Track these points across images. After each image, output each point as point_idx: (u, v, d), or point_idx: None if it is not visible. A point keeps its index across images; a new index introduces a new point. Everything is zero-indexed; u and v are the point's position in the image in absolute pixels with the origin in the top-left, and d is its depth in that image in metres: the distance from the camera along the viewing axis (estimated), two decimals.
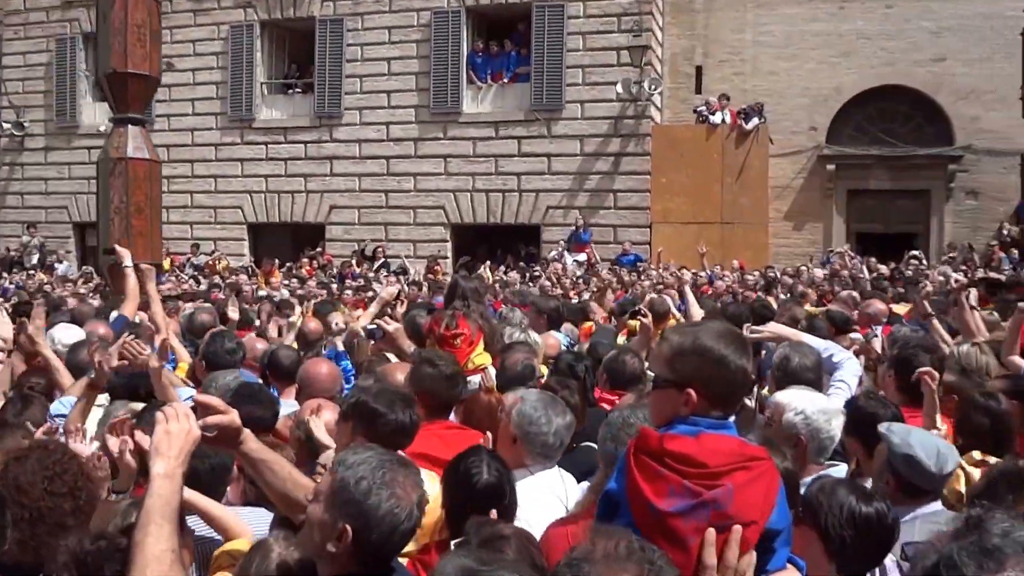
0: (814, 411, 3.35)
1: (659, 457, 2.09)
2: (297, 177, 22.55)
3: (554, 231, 20.82)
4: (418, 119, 21.74)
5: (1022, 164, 20.54)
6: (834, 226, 21.40)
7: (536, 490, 3.41)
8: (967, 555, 1.58)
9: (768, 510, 2.08)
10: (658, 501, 2.04)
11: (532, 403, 3.57)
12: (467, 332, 5.97)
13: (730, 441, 2.15)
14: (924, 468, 3.12)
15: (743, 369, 2.19)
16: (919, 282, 13.85)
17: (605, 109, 20.61)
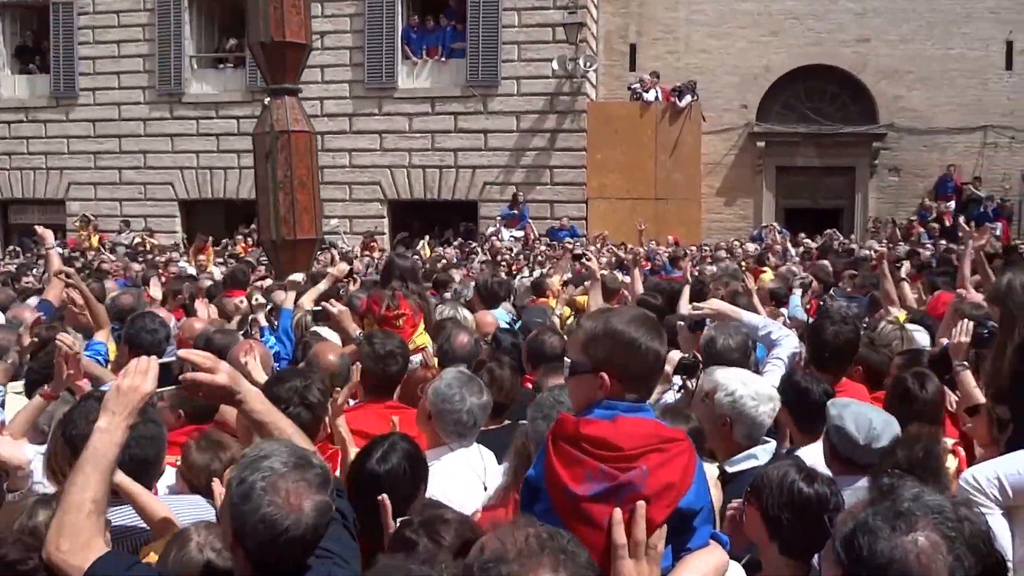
0: (743, 394, 3.32)
1: (576, 442, 2.10)
2: (230, 153, 22.12)
3: (491, 207, 20.90)
4: (353, 94, 21.52)
5: None
6: (764, 202, 21.94)
7: (455, 468, 3.44)
8: (881, 519, 1.68)
9: (683, 489, 2.10)
10: (575, 486, 2.05)
11: (447, 381, 3.57)
12: (409, 312, 5.93)
13: (646, 424, 2.16)
14: (853, 440, 3.16)
15: (655, 352, 2.19)
16: (852, 255, 14.43)
17: (541, 86, 20.70)
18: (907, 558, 1.63)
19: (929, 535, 1.65)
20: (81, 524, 2.16)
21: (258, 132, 9.96)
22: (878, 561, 1.65)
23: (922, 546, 1.64)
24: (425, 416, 3.56)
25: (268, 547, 2.05)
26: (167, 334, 5.59)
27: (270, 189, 9.63)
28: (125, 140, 22.64)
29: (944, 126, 21.52)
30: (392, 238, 20.65)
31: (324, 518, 2.11)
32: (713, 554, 2.18)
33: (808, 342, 4.73)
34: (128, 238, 21.26)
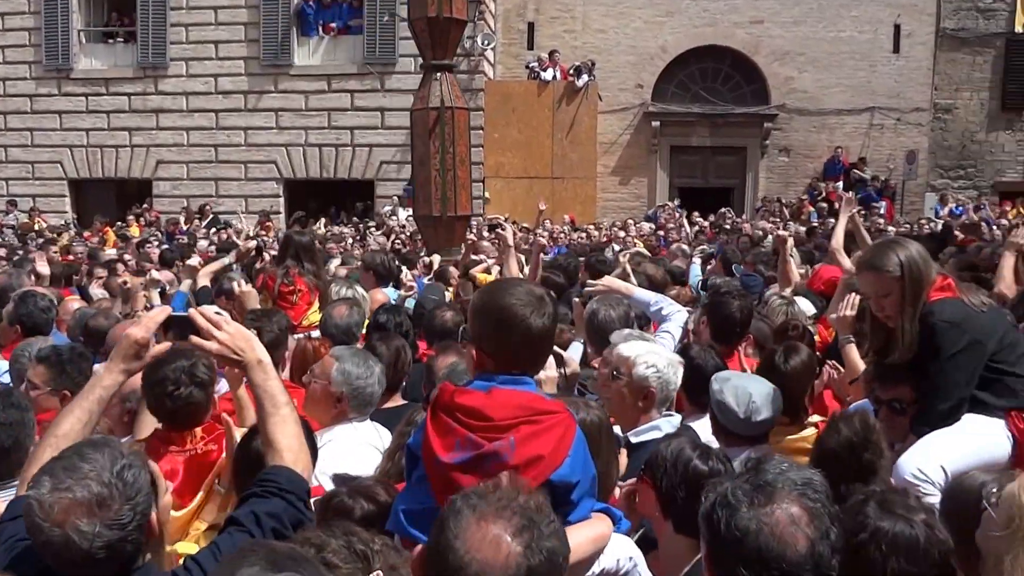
0: (664, 364, 3.32)
1: (451, 411, 2.14)
2: (121, 131, 21.59)
3: (388, 186, 20.80)
4: (248, 71, 21.15)
5: None
6: (658, 181, 22.27)
7: (355, 443, 3.49)
8: (741, 492, 1.70)
9: (555, 462, 2.09)
10: (443, 454, 2.09)
11: (350, 359, 3.61)
12: (304, 289, 6.00)
13: (521, 396, 2.17)
14: (734, 413, 3.25)
15: (536, 328, 2.17)
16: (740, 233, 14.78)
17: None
18: (762, 531, 1.65)
19: (788, 508, 1.67)
20: (38, 457, 2.21)
21: (419, 108, 10.01)
22: (734, 534, 1.67)
23: (779, 518, 1.66)
24: (330, 399, 3.55)
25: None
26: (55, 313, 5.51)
27: (433, 165, 9.75)
28: (11, 117, 21.88)
29: (833, 108, 22.09)
30: (288, 217, 20.42)
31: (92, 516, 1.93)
32: (592, 527, 2.17)
33: (709, 317, 4.83)
34: (14, 219, 20.64)
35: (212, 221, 19.90)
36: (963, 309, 3.39)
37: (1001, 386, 3.36)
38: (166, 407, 3.29)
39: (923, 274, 3.42)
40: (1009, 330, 3.55)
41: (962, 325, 3.34)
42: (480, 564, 1.53)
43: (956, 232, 13.06)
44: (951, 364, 3.34)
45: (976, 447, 3.27)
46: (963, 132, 22.85)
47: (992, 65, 22.56)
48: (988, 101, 22.74)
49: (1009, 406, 3.35)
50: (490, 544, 1.54)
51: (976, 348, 3.34)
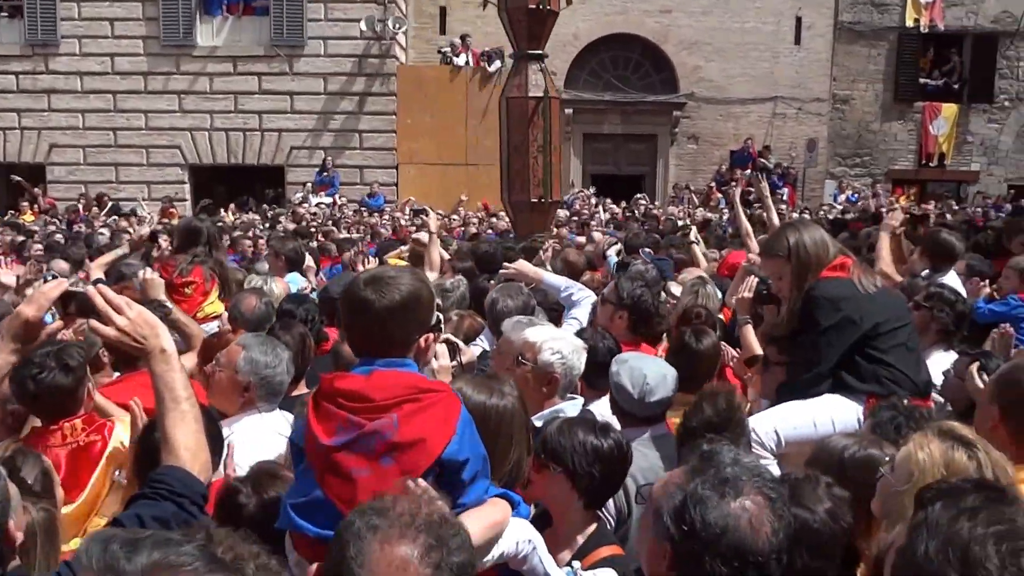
0: (569, 350, 3.36)
1: (331, 397, 2.13)
2: (9, 112, 20.41)
3: (298, 172, 20.33)
4: (147, 51, 20.28)
5: None
6: (572, 167, 22.42)
7: (260, 431, 3.43)
8: (709, 487, 1.71)
9: (442, 439, 2.09)
10: (325, 438, 2.08)
11: (258, 348, 3.56)
12: (199, 281, 5.80)
13: (402, 376, 2.17)
14: (628, 394, 3.32)
15: (373, 308, 2.16)
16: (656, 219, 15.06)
17: (349, 47, 20.22)
18: (739, 524, 1.68)
19: (755, 498, 1.71)
20: None
21: (516, 96, 10.16)
22: (712, 531, 1.67)
23: (751, 510, 1.69)
24: (238, 388, 3.48)
25: None
26: None
27: (531, 153, 10.01)
28: None
29: (738, 97, 22.68)
30: (194, 205, 19.73)
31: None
32: (489, 512, 2.16)
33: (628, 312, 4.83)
34: None
35: (112, 208, 19.08)
36: (847, 289, 3.49)
37: (869, 372, 3.46)
38: (28, 391, 3.19)
39: (810, 257, 3.53)
40: (894, 319, 3.57)
41: (839, 303, 3.45)
42: None
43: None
44: (821, 338, 3.46)
45: (819, 422, 3.39)
46: (859, 122, 23.81)
47: (886, 58, 23.56)
48: (882, 92, 23.74)
49: (871, 391, 3.43)
50: (397, 570, 1.49)
51: (848, 327, 3.45)
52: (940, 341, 4.54)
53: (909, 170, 24.14)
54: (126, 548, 1.28)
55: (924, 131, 24.02)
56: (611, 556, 2.55)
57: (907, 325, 3.64)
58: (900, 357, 3.49)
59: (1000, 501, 1.62)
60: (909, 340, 3.60)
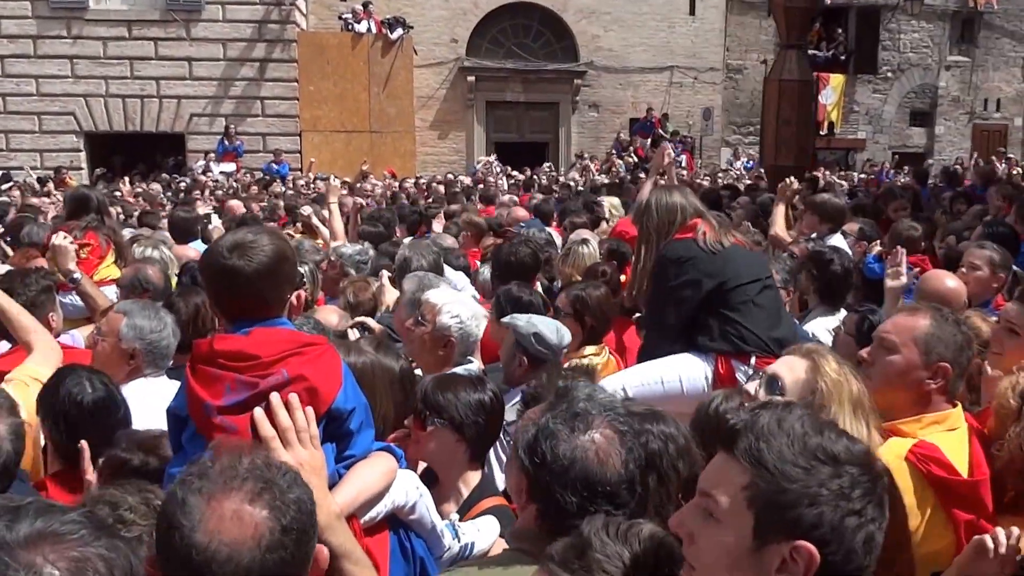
0: (468, 316, 3.39)
1: (211, 360, 2.06)
2: None
3: (199, 140, 20.08)
4: (36, 14, 19.64)
5: None
6: (475, 135, 22.74)
7: (148, 395, 3.39)
8: (560, 421, 1.79)
9: (331, 389, 2.09)
10: (214, 400, 2.01)
11: (139, 313, 3.51)
12: (95, 244, 5.79)
13: (281, 332, 2.14)
14: (549, 342, 3.41)
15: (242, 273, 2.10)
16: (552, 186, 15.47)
17: (248, 12, 20.00)
18: (587, 455, 1.76)
19: (604, 431, 1.79)
20: None
21: (788, 79, 12.35)
22: (561, 463, 1.75)
23: (599, 443, 1.77)
24: (123, 356, 3.44)
25: None
26: None
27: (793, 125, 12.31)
28: None
29: (636, 66, 23.26)
30: (91, 174, 19.33)
31: (20, 441, 2.07)
32: (380, 461, 2.19)
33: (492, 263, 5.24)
34: None
35: (2, 178, 18.53)
36: (692, 249, 3.56)
37: (718, 330, 3.50)
38: None
39: (650, 220, 3.69)
40: (743, 276, 3.58)
41: (684, 263, 3.53)
42: (229, 545, 1.41)
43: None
44: (666, 297, 3.57)
45: (666, 379, 3.47)
46: (752, 91, 24.67)
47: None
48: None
49: (720, 350, 3.49)
50: (231, 521, 1.43)
51: (692, 286, 3.52)
52: (822, 302, 4.58)
53: None
54: (6, 517, 1.22)
55: (814, 101, 25.07)
56: (496, 506, 2.64)
57: (757, 282, 3.62)
58: (748, 314, 3.52)
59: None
60: (759, 297, 3.58)
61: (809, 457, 1.38)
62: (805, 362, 2.32)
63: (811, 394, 2.23)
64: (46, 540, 1.19)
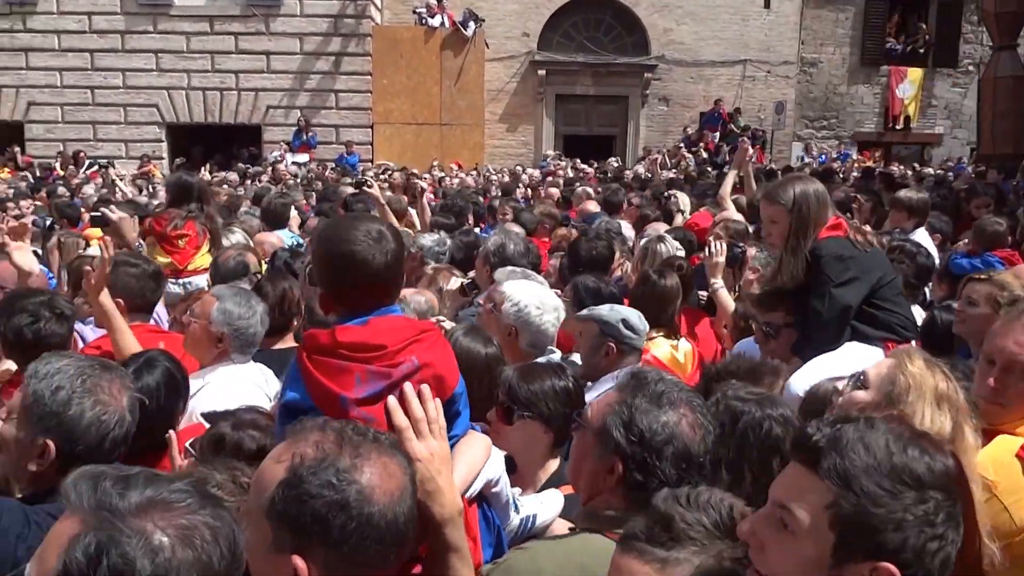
0: (527, 304, 3.40)
1: (333, 351, 2.03)
2: None
3: (275, 131, 20.62)
4: (124, 10, 20.39)
5: None
6: (544, 128, 22.84)
7: (234, 380, 3.47)
8: (648, 400, 1.94)
9: (454, 374, 2.13)
10: (348, 392, 1.99)
11: (231, 299, 3.57)
12: (192, 234, 5.97)
13: (397, 320, 2.14)
14: (637, 328, 3.52)
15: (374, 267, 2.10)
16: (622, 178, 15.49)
17: (324, 7, 20.44)
18: (682, 430, 1.92)
19: (685, 408, 1.96)
20: None
21: (1003, 76, 14.01)
22: (661, 437, 1.90)
23: (689, 417, 1.95)
24: (211, 339, 3.52)
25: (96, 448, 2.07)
26: None
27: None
28: None
29: (708, 59, 23.08)
30: (171, 163, 20.01)
31: (136, 414, 2.17)
32: (479, 440, 2.24)
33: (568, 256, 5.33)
34: None
35: (89, 166, 19.31)
36: (848, 247, 3.69)
37: (880, 321, 3.69)
38: (25, 339, 3.18)
39: (811, 212, 3.67)
40: (888, 271, 3.85)
41: (846, 260, 3.66)
42: (385, 499, 1.49)
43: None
44: (834, 292, 3.65)
45: (856, 368, 3.60)
46: (827, 85, 24.31)
47: (853, 22, 24.01)
48: (849, 56, 24.22)
49: (886, 338, 3.68)
50: (386, 478, 1.51)
51: (856, 283, 3.66)
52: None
53: (874, 132, 24.72)
54: (118, 485, 1.26)
55: (890, 94, 24.55)
56: (571, 495, 2.62)
57: (897, 277, 3.94)
58: (901, 304, 3.78)
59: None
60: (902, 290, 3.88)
61: (895, 480, 1.40)
62: (892, 360, 2.38)
63: (891, 385, 2.27)
64: (156, 508, 1.25)
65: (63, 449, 2.07)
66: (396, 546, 1.51)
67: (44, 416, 2.07)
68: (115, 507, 1.23)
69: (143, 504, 1.24)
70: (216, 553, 1.26)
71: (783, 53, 23.41)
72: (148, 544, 1.21)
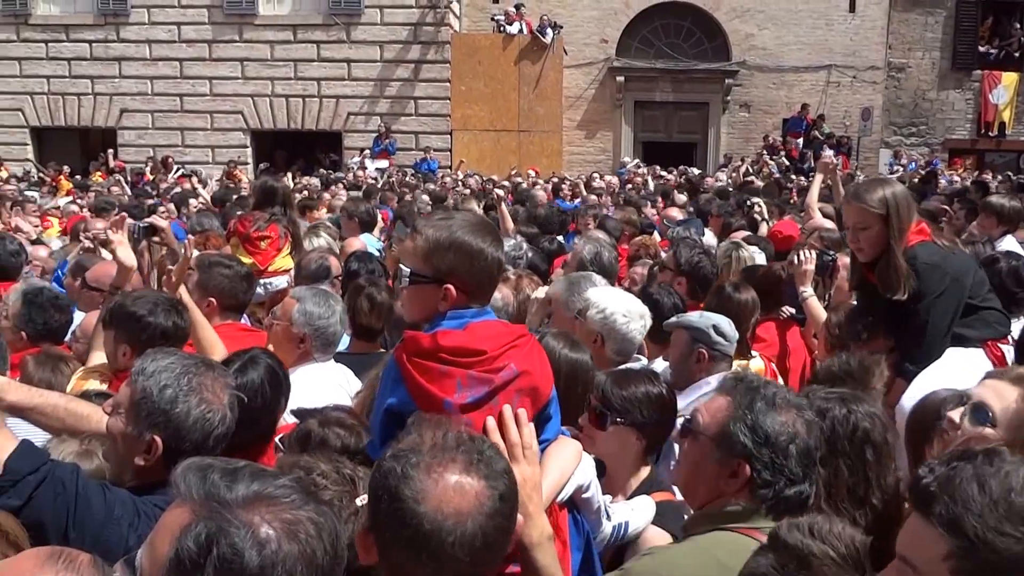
0: (613, 311, 3.36)
1: (434, 355, 2.03)
2: (83, 79, 21.35)
3: (355, 137, 20.93)
4: (211, 20, 20.99)
5: None
6: (623, 135, 22.66)
7: (317, 379, 3.54)
8: (764, 402, 2.01)
9: (549, 379, 2.14)
10: (452, 396, 1.99)
11: (312, 300, 3.64)
12: (274, 236, 6.08)
13: (495, 325, 2.15)
14: (727, 333, 3.44)
15: (498, 260, 2.16)
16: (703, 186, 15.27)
17: (404, 15, 20.68)
18: (799, 428, 2.00)
19: (796, 410, 2.03)
20: None
21: None
22: (787, 436, 1.97)
23: (802, 416, 2.02)
24: (294, 340, 3.59)
25: (201, 445, 2.12)
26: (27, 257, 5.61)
27: None
28: None
29: (791, 65, 22.60)
30: (255, 168, 20.48)
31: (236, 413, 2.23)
32: (570, 445, 2.25)
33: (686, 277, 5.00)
34: None
35: (177, 172, 19.86)
36: (939, 251, 3.56)
37: (977, 319, 3.57)
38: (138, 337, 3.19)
39: (903, 215, 3.52)
40: (976, 268, 3.76)
41: (942, 266, 3.51)
42: (455, 516, 1.47)
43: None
44: (937, 304, 3.49)
45: (965, 380, 3.30)
46: (915, 90, 23.55)
47: (943, 25, 23.22)
48: (939, 60, 23.44)
49: (986, 337, 3.57)
50: (455, 492, 1.49)
51: (956, 286, 3.53)
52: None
53: (967, 139, 23.85)
54: (226, 478, 1.30)
55: (983, 100, 23.67)
56: (663, 502, 2.66)
57: (981, 270, 3.83)
58: (993, 300, 3.67)
59: None
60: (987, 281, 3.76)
61: (1017, 522, 1.32)
62: (1016, 389, 2.22)
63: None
64: (262, 501, 1.28)
65: (169, 445, 2.13)
66: (443, 556, 1.48)
67: (152, 413, 2.13)
68: (223, 499, 1.27)
69: (250, 497, 1.28)
70: (320, 548, 1.29)
71: (869, 58, 22.77)
72: (255, 536, 1.24)
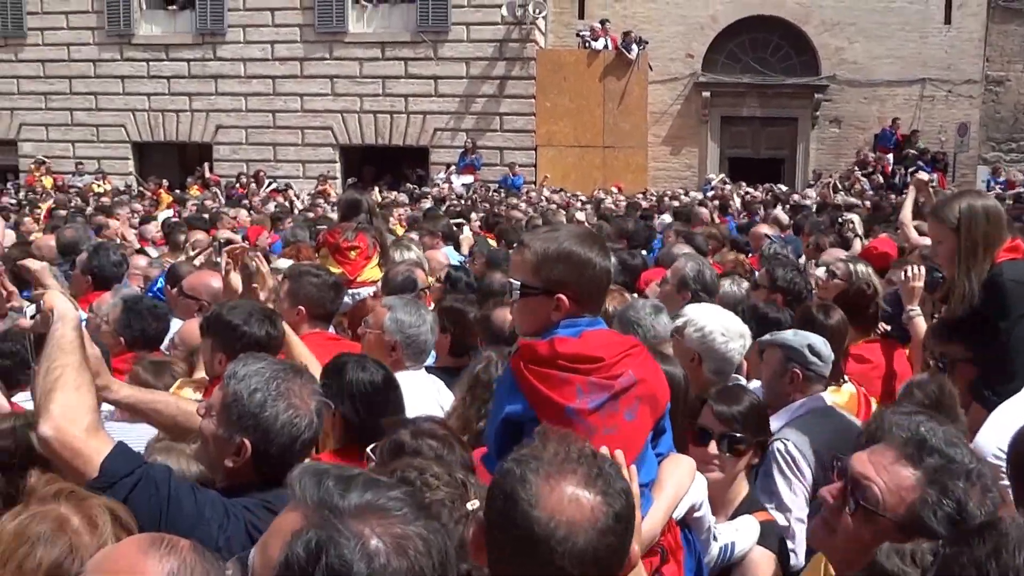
0: (711, 330, 3.33)
1: (552, 362, 2.05)
2: (181, 96, 22.17)
3: (441, 153, 21.22)
4: (303, 39, 21.59)
5: None
6: (708, 151, 22.44)
7: (415, 390, 3.52)
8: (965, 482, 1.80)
9: (665, 388, 2.15)
10: (573, 402, 2.01)
11: (403, 309, 3.72)
12: (363, 246, 6.20)
13: (609, 333, 2.20)
14: (823, 354, 3.32)
15: (607, 270, 2.20)
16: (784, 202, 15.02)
17: (490, 32, 20.92)
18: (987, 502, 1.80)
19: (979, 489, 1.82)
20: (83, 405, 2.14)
21: None
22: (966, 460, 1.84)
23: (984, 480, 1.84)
24: (386, 348, 3.65)
25: (287, 449, 2.17)
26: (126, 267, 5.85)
27: None
28: (75, 81, 22.54)
29: (883, 79, 22.07)
30: (344, 183, 20.90)
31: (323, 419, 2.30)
32: (685, 462, 2.26)
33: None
34: (82, 180, 21.30)
35: (270, 186, 20.43)
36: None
37: None
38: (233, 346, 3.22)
39: (980, 230, 3.31)
40: None
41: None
42: (567, 526, 1.46)
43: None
44: (1017, 326, 3.29)
45: None
46: (1015, 105, 22.74)
47: None
48: None
49: None
50: (570, 503, 1.47)
51: None
52: None
53: None
54: (339, 485, 1.30)
55: None
56: (765, 522, 2.70)
57: None
58: None
59: None
60: None
61: None
62: None
63: None
64: (374, 513, 1.27)
65: (258, 448, 2.17)
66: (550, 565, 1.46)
67: (242, 416, 2.17)
68: (336, 507, 1.27)
69: (362, 507, 1.28)
70: (428, 565, 1.27)
71: (966, 71, 22.07)
72: (364, 548, 1.23)
